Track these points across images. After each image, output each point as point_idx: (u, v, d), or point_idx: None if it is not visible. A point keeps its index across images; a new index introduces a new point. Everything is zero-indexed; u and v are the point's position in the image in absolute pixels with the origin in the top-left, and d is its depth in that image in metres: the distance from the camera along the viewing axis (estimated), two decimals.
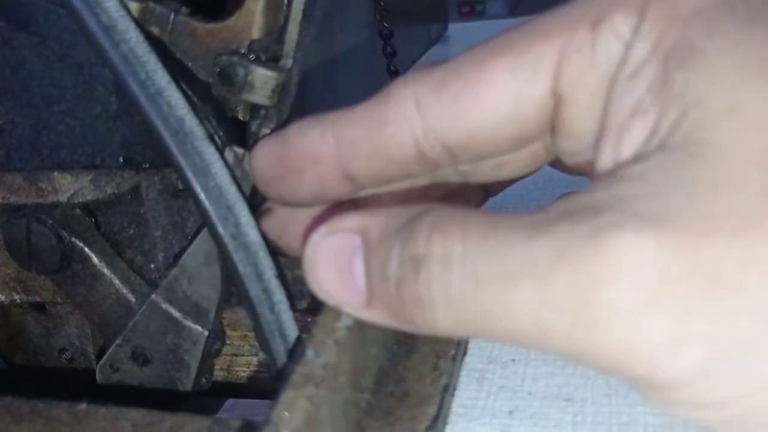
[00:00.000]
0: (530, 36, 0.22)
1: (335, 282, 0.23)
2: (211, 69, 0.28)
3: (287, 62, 0.28)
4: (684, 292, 0.17)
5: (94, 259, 0.34)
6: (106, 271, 0.34)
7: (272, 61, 0.28)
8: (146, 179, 0.32)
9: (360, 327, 0.25)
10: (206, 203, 0.27)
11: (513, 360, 0.30)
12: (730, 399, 0.18)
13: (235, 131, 0.29)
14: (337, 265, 0.23)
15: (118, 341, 0.34)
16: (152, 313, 0.33)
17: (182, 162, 0.27)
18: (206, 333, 0.33)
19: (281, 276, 0.28)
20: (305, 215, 0.28)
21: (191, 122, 0.27)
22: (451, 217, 0.21)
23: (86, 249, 0.34)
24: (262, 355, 0.38)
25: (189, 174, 0.27)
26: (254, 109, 0.29)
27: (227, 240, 0.27)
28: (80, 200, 0.33)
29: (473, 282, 0.19)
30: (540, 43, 0.22)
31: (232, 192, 0.27)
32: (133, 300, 0.34)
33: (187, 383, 0.33)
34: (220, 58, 0.28)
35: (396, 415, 0.26)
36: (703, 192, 0.18)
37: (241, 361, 0.38)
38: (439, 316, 0.20)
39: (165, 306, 0.32)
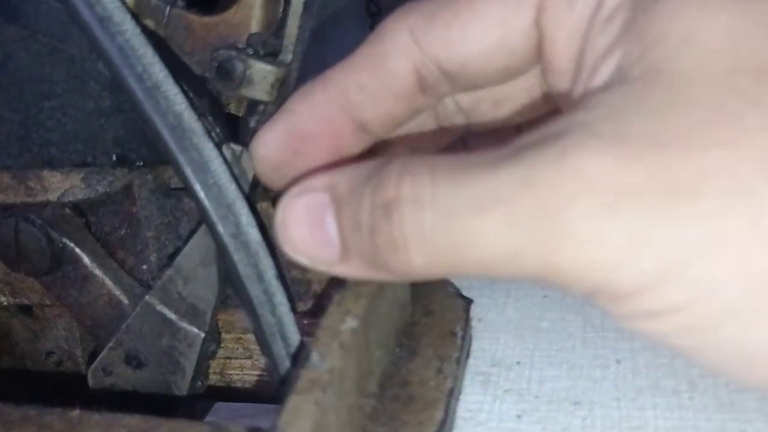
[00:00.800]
0: None
1: (308, 240, 0.24)
2: (208, 63, 0.27)
3: (287, 56, 0.27)
4: (641, 201, 0.18)
5: (86, 260, 0.33)
6: (97, 272, 0.33)
7: (271, 55, 0.27)
8: (139, 178, 0.31)
9: (364, 329, 0.25)
10: (206, 201, 0.26)
11: (518, 363, 0.30)
12: (684, 303, 0.18)
13: (230, 128, 0.28)
14: (309, 224, 0.23)
15: (110, 344, 0.33)
16: (146, 314, 0.32)
17: (181, 159, 0.26)
18: (202, 335, 0.32)
19: (282, 277, 0.27)
20: None
21: (190, 118, 0.26)
22: (419, 160, 0.21)
23: (77, 249, 0.33)
24: (255, 358, 0.37)
25: (188, 171, 0.26)
26: (251, 104, 0.28)
27: (227, 239, 0.27)
28: (71, 199, 0.32)
29: (445, 217, 0.20)
30: None
31: (231, 190, 0.27)
32: (126, 301, 0.33)
33: (182, 386, 0.32)
34: (218, 53, 0.27)
35: (402, 420, 0.25)
36: (658, 112, 0.18)
37: (234, 364, 0.37)
38: (414, 257, 0.21)
39: (160, 307, 0.32)
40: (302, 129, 0.26)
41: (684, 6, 0.20)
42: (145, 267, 0.33)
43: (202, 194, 0.26)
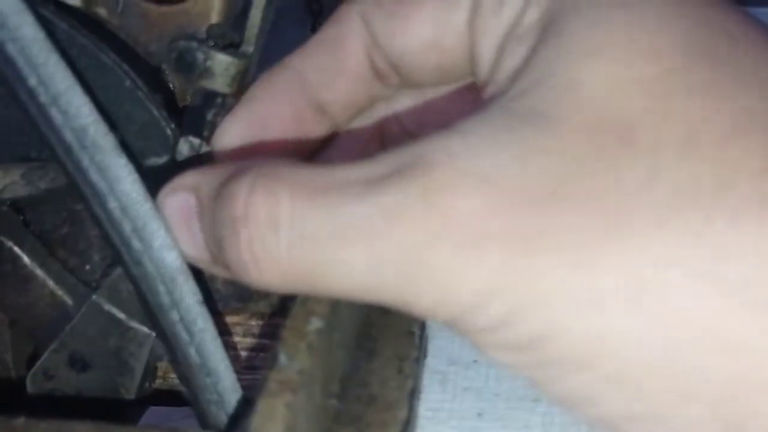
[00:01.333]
0: None
1: (183, 240, 0.24)
2: (165, 54, 0.26)
3: (248, 48, 0.26)
4: (498, 249, 0.18)
5: (25, 260, 0.31)
6: (38, 271, 0.31)
7: (230, 46, 0.27)
8: None
9: (329, 329, 0.24)
10: (107, 226, 0.24)
11: (475, 361, 0.30)
12: (532, 343, 0.19)
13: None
14: (182, 224, 0.23)
15: (53, 346, 0.31)
16: (93, 314, 0.30)
17: (78, 180, 0.24)
18: (153, 334, 0.31)
19: (209, 300, 0.26)
20: None
21: (96, 132, 0.24)
22: (276, 175, 0.20)
23: (16, 248, 0.31)
24: None
25: (86, 194, 0.24)
26: (209, 97, 0.27)
27: (132, 267, 0.24)
28: (9, 196, 0.30)
29: (305, 242, 0.20)
30: None
31: (143, 211, 0.24)
32: (70, 302, 0.31)
33: (131, 388, 0.31)
34: (177, 43, 0.26)
35: (366, 421, 0.25)
36: (528, 156, 0.19)
37: None
38: (266, 276, 0.21)
39: (108, 307, 0.30)
40: (264, 115, 0.25)
41: (576, 47, 0.20)
42: (88, 267, 0.32)
43: (102, 219, 0.24)
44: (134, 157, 0.25)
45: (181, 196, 0.23)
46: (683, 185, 0.18)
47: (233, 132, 0.25)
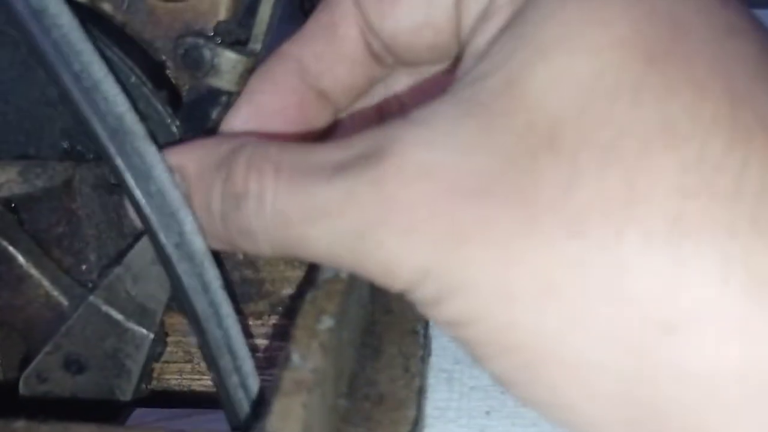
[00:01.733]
0: None
1: None
2: (171, 51, 0.26)
3: (256, 46, 0.26)
4: (430, 236, 0.20)
5: (20, 259, 0.31)
6: (33, 271, 0.31)
7: (237, 44, 0.26)
8: (80, 173, 0.30)
9: (339, 328, 0.24)
10: (148, 209, 0.25)
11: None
12: (460, 323, 0.21)
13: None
14: None
15: (47, 348, 0.30)
16: (90, 315, 0.30)
17: (121, 164, 0.25)
18: (151, 335, 0.30)
19: (228, 287, 0.26)
20: None
21: (131, 120, 0.25)
22: (265, 154, 0.23)
23: (10, 248, 0.31)
24: (195, 362, 0.35)
25: (129, 177, 0.25)
26: (213, 94, 0.27)
27: (170, 249, 0.25)
28: (6, 194, 0.30)
29: (282, 218, 0.22)
30: None
31: (175, 197, 0.25)
32: (66, 303, 0.31)
33: (127, 390, 0.31)
34: (184, 40, 0.26)
35: (375, 420, 0.25)
36: (466, 150, 0.20)
37: (173, 368, 0.35)
38: (261, 244, 0.23)
39: (105, 308, 0.30)
40: (267, 106, 0.26)
41: (530, 40, 0.20)
42: (84, 267, 0.31)
43: (143, 202, 0.25)
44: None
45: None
46: (598, 196, 0.18)
47: (237, 127, 0.26)
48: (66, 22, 0.24)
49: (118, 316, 0.30)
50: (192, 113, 0.28)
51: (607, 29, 0.19)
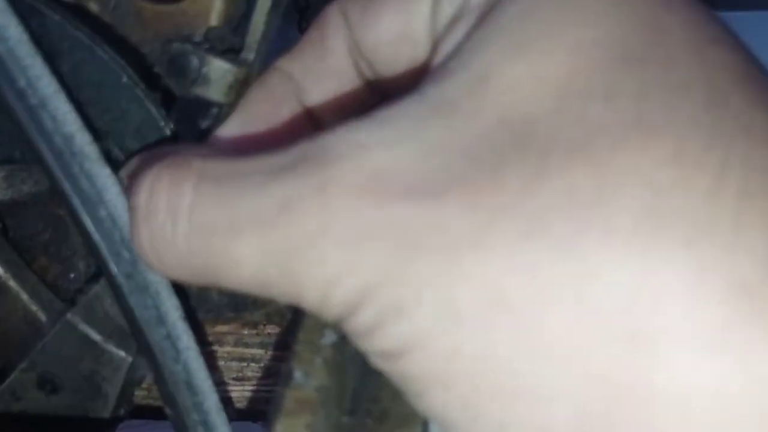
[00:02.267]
0: None
1: None
2: (159, 56, 0.24)
3: (249, 55, 0.25)
4: (376, 248, 0.17)
5: None
6: (12, 283, 0.29)
7: (231, 52, 0.25)
8: None
9: (343, 342, 0.22)
10: (96, 236, 0.23)
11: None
12: (395, 354, 0.18)
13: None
14: None
15: (22, 365, 0.29)
16: (66, 334, 0.28)
17: (67, 188, 0.23)
18: (130, 359, 0.28)
19: (192, 317, 0.25)
20: None
21: (82, 140, 0.23)
22: (186, 165, 0.20)
23: None
24: None
25: (75, 202, 0.23)
26: (203, 106, 0.25)
27: (121, 280, 0.23)
28: None
29: (201, 233, 0.19)
30: None
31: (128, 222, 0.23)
32: (44, 318, 0.29)
33: (103, 415, 0.29)
34: (171, 45, 0.24)
35: None
36: (427, 151, 0.18)
37: None
38: (167, 268, 0.21)
39: (82, 327, 0.28)
40: (259, 119, 0.24)
41: (501, 38, 0.19)
42: (72, 275, 0.30)
43: (91, 228, 0.23)
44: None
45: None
46: (563, 193, 0.17)
47: (226, 137, 0.24)
48: (13, 35, 0.22)
49: (96, 337, 0.28)
50: (182, 122, 0.26)
51: (585, 30, 0.18)
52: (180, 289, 0.25)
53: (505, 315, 0.17)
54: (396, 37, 0.22)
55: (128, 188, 0.23)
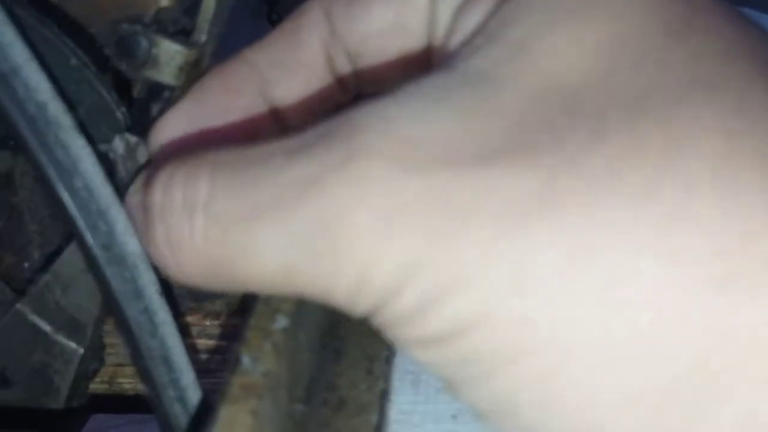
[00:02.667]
0: None
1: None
2: (108, 38, 0.24)
3: (200, 37, 0.24)
4: (418, 219, 0.16)
5: None
6: None
7: (182, 34, 0.25)
8: (21, 163, 0.27)
9: (295, 328, 0.22)
10: (72, 208, 0.23)
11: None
12: (449, 335, 0.17)
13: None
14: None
15: None
16: (16, 325, 0.28)
17: (43, 158, 0.22)
18: (81, 351, 0.28)
19: (167, 291, 0.24)
20: None
21: (55, 109, 0.22)
22: (200, 158, 0.19)
23: None
24: None
25: (50, 172, 0.22)
26: (155, 89, 0.25)
27: (98, 251, 0.23)
28: None
29: (219, 223, 0.18)
30: None
31: (105, 194, 0.23)
32: None
33: (55, 407, 0.28)
34: (120, 26, 0.24)
35: (334, 427, 0.23)
36: (465, 118, 0.17)
37: (126, 371, 0.33)
38: (187, 270, 0.19)
39: (32, 317, 0.28)
40: (212, 106, 0.23)
41: (532, 11, 0.18)
42: (26, 265, 0.29)
43: (67, 199, 0.23)
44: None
45: (136, 195, 0.22)
46: (630, 145, 0.16)
47: (174, 127, 0.23)
48: None
49: (46, 328, 0.28)
50: (138, 111, 0.26)
51: (623, 1, 0.18)
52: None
53: (588, 271, 0.16)
54: (387, 28, 0.22)
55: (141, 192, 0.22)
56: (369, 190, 0.17)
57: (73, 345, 0.28)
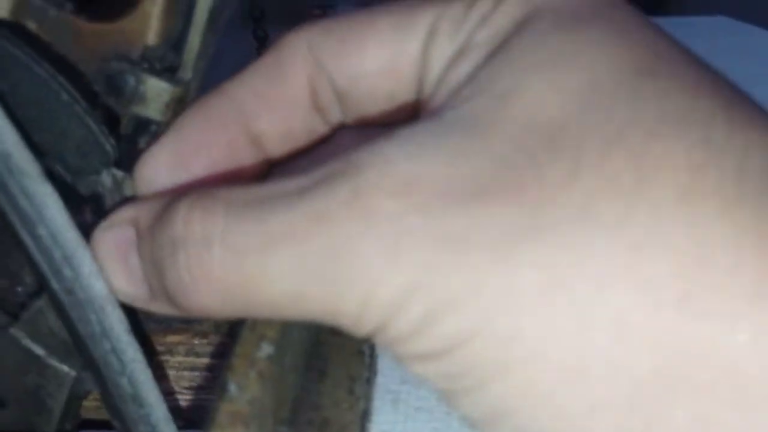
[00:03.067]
0: (418, 0, 0.23)
1: (118, 277, 0.23)
2: (96, 75, 0.25)
3: (186, 74, 0.25)
4: (418, 247, 0.18)
5: None
6: None
7: (168, 71, 0.25)
8: None
9: (280, 354, 0.23)
10: (35, 254, 0.23)
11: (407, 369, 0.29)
12: (446, 349, 0.18)
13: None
14: (118, 261, 0.23)
15: None
16: (10, 348, 0.28)
17: (6, 206, 0.23)
18: (74, 373, 0.29)
19: (138, 328, 0.25)
20: None
21: (21, 158, 0.23)
22: (214, 194, 0.21)
23: None
24: None
25: (14, 220, 0.23)
26: (142, 123, 0.26)
27: (63, 296, 0.24)
28: None
29: (235, 254, 0.20)
30: (423, 6, 0.22)
31: (70, 239, 0.23)
32: None
33: (48, 430, 0.29)
34: (108, 64, 0.25)
35: None
36: (456, 158, 0.19)
37: None
38: (204, 298, 0.20)
39: (26, 342, 0.28)
40: (194, 144, 0.24)
41: (517, 63, 0.20)
42: (19, 289, 0.30)
43: (31, 247, 0.23)
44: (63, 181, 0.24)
45: (118, 230, 0.23)
46: (605, 179, 0.18)
47: (159, 161, 0.24)
48: None
49: (40, 351, 0.28)
50: (125, 146, 0.26)
51: (596, 51, 0.19)
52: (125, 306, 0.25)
53: (566, 294, 0.17)
54: (379, 71, 0.23)
55: (102, 238, 0.23)
56: (374, 222, 0.18)
57: (65, 368, 0.29)
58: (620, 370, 0.17)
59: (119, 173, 0.25)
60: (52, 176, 0.24)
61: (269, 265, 0.19)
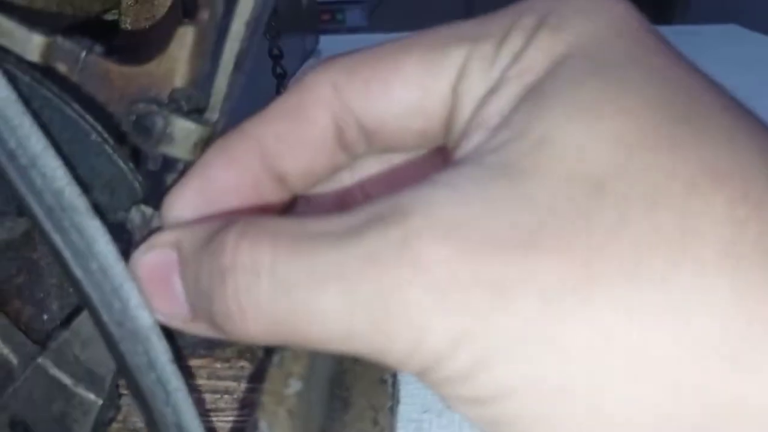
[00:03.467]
0: (444, 37, 0.23)
1: (159, 298, 0.24)
2: (125, 116, 0.25)
3: (213, 115, 0.25)
4: (467, 296, 0.18)
5: None
6: None
7: (195, 112, 0.25)
8: None
9: (307, 390, 0.23)
10: (87, 288, 0.24)
11: (448, 407, 0.29)
12: (493, 397, 0.19)
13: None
14: (159, 282, 0.23)
15: None
16: (38, 378, 0.29)
17: (59, 241, 0.24)
18: (100, 401, 0.29)
19: (179, 358, 0.26)
20: None
21: (71, 194, 0.24)
22: (261, 225, 0.21)
23: None
24: None
25: (67, 255, 0.24)
26: (169, 162, 0.26)
27: (113, 328, 0.24)
28: None
29: (283, 288, 0.20)
30: (451, 44, 0.22)
31: (119, 272, 0.24)
32: (15, 362, 0.30)
33: None
34: (137, 106, 0.25)
35: None
36: (500, 206, 0.19)
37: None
38: (251, 326, 0.21)
39: (53, 371, 0.29)
40: (219, 183, 0.24)
41: (553, 107, 0.20)
42: (45, 317, 0.30)
43: (83, 280, 0.24)
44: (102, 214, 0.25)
45: (159, 253, 0.23)
46: (650, 233, 0.18)
47: (185, 200, 0.24)
48: (3, 95, 0.23)
49: (67, 380, 0.29)
50: (151, 183, 0.27)
51: (632, 95, 0.20)
52: (168, 332, 0.25)
53: (615, 350, 0.18)
54: (408, 111, 0.23)
55: (142, 260, 0.24)
56: (423, 270, 0.19)
57: (92, 396, 0.29)
58: (669, 423, 0.18)
59: (148, 210, 0.25)
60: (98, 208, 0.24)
61: (318, 301, 0.19)
